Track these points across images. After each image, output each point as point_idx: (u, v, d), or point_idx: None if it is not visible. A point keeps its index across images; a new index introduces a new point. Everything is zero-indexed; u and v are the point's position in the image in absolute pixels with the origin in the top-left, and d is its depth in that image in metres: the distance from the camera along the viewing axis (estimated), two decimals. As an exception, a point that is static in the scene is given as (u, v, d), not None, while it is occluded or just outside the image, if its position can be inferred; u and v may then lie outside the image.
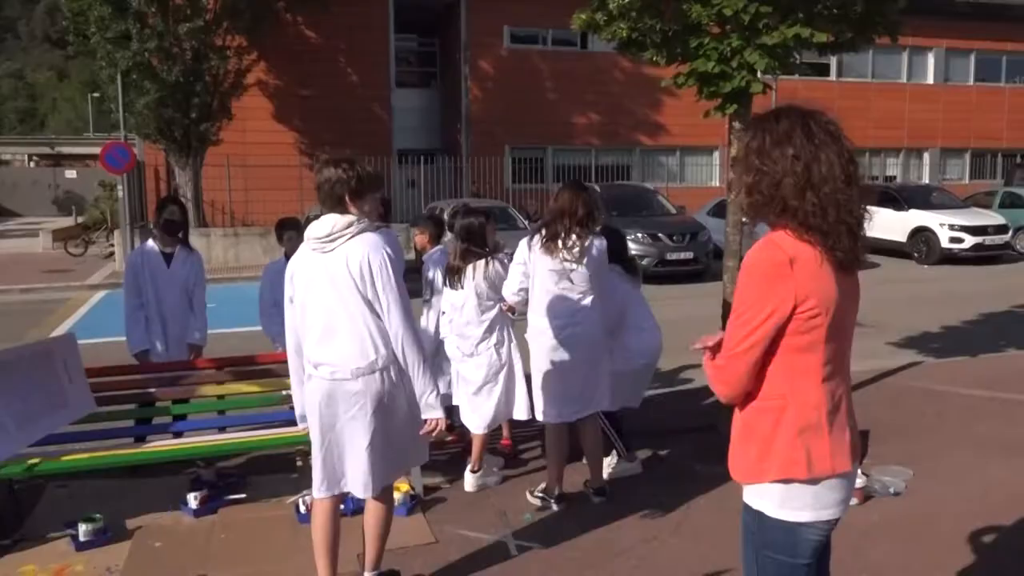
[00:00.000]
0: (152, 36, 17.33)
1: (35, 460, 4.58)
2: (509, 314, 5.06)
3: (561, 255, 4.55)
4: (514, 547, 4.25)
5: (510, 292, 4.81)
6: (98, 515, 4.45)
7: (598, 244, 4.62)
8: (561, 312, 4.63)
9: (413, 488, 4.83)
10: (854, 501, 4.64)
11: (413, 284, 10.02)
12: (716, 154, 26.36)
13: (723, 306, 5.66)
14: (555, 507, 4.70)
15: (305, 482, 4.93)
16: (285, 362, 5.28)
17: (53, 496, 5.07)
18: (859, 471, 4.88)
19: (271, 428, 5.22)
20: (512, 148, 24.28)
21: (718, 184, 25.99)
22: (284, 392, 5.22)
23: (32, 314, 13.05)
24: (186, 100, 18.21)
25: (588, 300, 4.62)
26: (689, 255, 15.22)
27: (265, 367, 5.24)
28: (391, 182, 22.56)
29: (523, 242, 4.75)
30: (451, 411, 6.04)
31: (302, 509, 4.60)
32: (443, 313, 5.38)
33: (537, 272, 4.67)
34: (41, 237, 24.30)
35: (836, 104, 25.48)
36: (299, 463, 5.42)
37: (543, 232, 4.65)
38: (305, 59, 22.29)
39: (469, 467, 5.14)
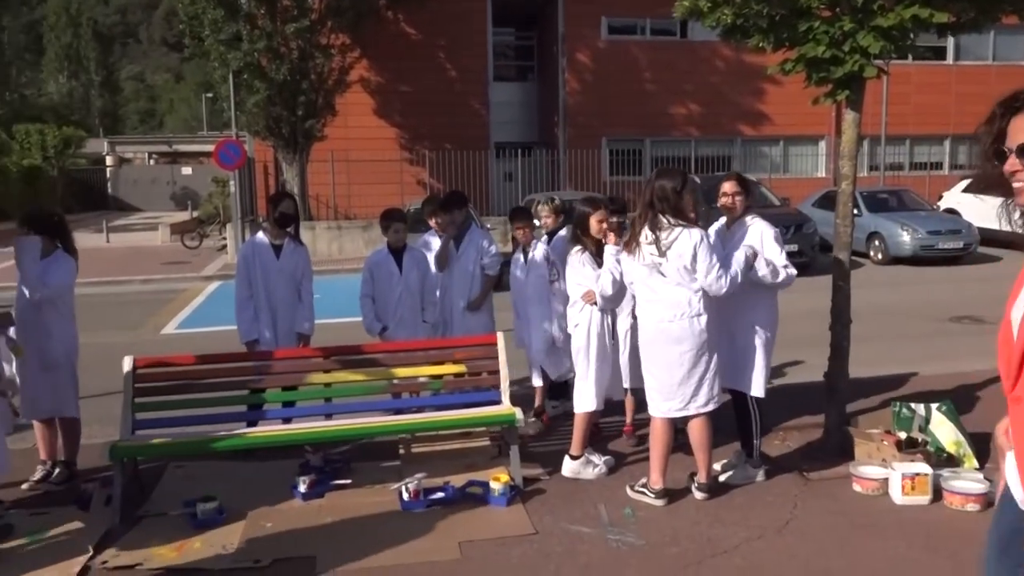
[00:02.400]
0: (261, 37, 18.03)
1: (157, 441, 4.85)
2: (591, 303, 5.06)
3: (643, 250, 4.56)
4: (614, 541, 4.22)
5: (606, 284, 4.88)
6: (214, 495, 4.67)
7: (688, 235, 4.49)
8: (657, 306, 4.58)
9: (513, 479, 4.86)
10: (975, 507, 4.41)
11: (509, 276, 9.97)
12: (822, 143, 25.44)
13: (833, 301, 5.45)
14: (656, 502, 4.64)
15: (408, 469, 5.06)
16: (389, 352, 5.45)
17: (172, 476, 5.35)
18: (981, 476, 4.64)
19: (376, 416, 5.35)
20: (609, 140, 24.09)
21: (824, 175, 25.09)
22: (389, 381, 5.35)
23: (151, 304, 13.80)
24: (293, 98, 18.86)
25: (686, 293, 4.52)
26: (793, 247, 14.71)
27: (370, 356, 5.37)
28: (488, 175, 22.76)
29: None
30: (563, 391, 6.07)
31: (405, 496, 4.69)
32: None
33: (628, 267, 4.72)
34: (160, 231, 25.64)
35: (953, 89, 24.21)
36: (402, 451, 5.54)
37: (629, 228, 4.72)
38: (405, 55, 22.70)
39: (569, 452, 5.16)
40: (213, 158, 18.30)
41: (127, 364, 5.01)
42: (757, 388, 4.87)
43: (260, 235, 5.94)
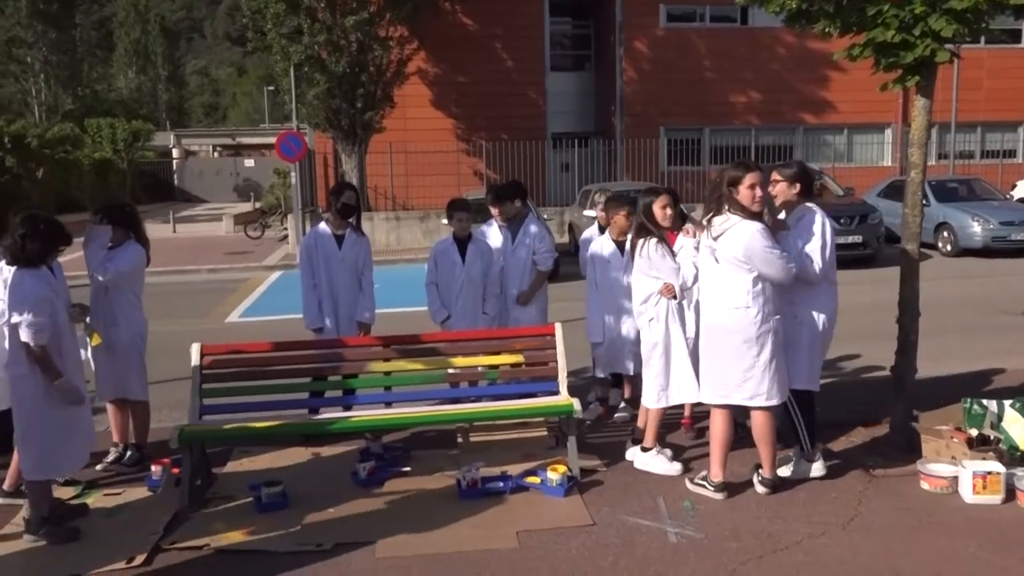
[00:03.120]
0: (321, 30, 18.29)
1: (226, 426, 4.98)
2: (670, 296, 5.00)
3: (703, 236, 4.58)
4: (673, 534, 4.19)
5: (689, 276, 4.90)
6: (278, 480, 4.78)
7: (743, 226, 4.42)
8: (717, 294, 4.55)
9: (570, 470, 4.86)
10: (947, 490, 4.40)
11: (569, 267, 10.07)
12: (888, 131, 24.73)
13: (901, 294, 5.30)
14: (716, 496, 4.59)
15: (466, 458, 5.10)
16: (448, 341, 5.49)
17: (238, 460, 5.48)
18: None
19: (434, 405, 5.40)
20: (667, 129, 23.80)
21: (890, 163, 24.39)
22: (447, 370, 5.39)
23: (217, 292, 14.15)
24: (352, 90, 19.10)
25: (737, 284, 4.45)
26: (857, 239, 14.39)
27: (429, 345, 5.41)
28: (545, 166, 22.72)
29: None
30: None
31: (463, 485, 4.73)
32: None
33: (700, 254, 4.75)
34: (224, 221, 26.26)
35: (1029, 74, 22.67)
36: (460, 440, 5.59)
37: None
38: (462, 46, 22.77)
39: (641, 444, 5.15)
40: (275, 150, 18.67)
41: (195, 351, 5.15)
42: (795, 379, 4.76)
43: (323, 225, 6.04)
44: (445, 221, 6.46)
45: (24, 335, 4.18)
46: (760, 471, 4.68)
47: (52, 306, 4.27)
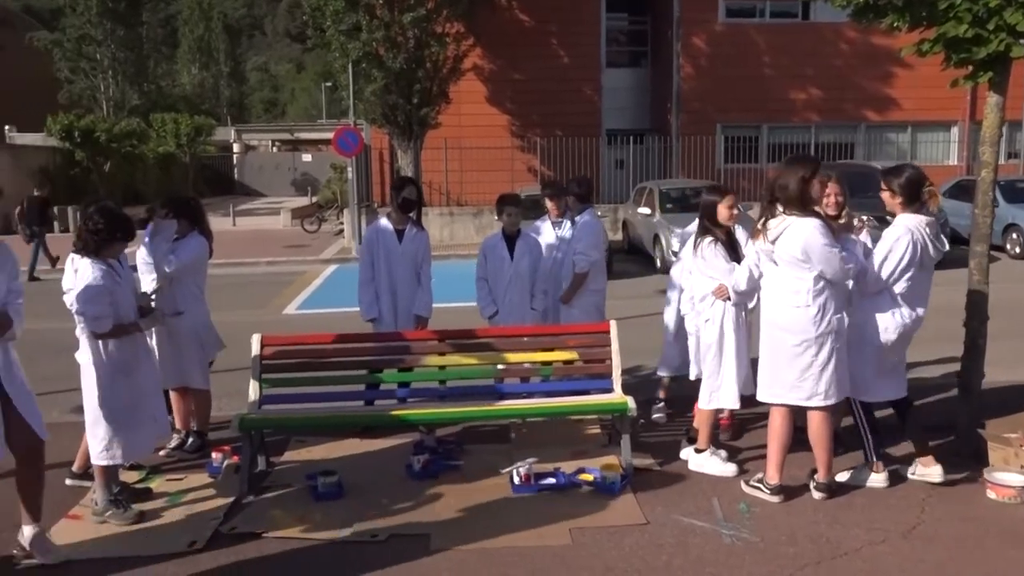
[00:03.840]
0: (379, 26, 18.48)
1: (284, 416, 5.08)
2: (723, 298, 4.93)
3: (763, 237, 4.46)
4: (728, 536, 4.14)
5: (741, 280, 4.75)
6: (334, 470, 4.85)
7: (799, 225, 4.32)
8: (777, 294, 4.48)
9: (624, 468, 4.84)
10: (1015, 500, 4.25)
11: (621, 264, 9.99)
12: (955, 130, 24.00)
13: (968, 297, 5.14)
14: (772, 499, 4.52)
15: (519, 454, 5.11)
16: (502, 336, 5.51)
17: (295, 450, 5.58)
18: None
19: (488, 400, 5.41)
20: (724, 127, 23.46)
21: (956, 162, 23.67)
22: (501, 365, 5.40)
23: (274, 284, 14.43)
24: (409, 86, 19.26)
25: (795, 283, 4.37)
26: (921, 239, 13.98)
27: (484, 340, 5.43)
28: (599, 163, 22.61)
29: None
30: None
31: (516, 480, 4.74)
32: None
33: (754, 254, 4.67)
34: (281, 215, 26.75)
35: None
36: (513, 435, 5.60)
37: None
38: (518, 42, 22.77)
39: (695, 444, 5.10)
40: (332, 145, 18.94)
41: (255, 342, 5.25)
42: (861, 391, 4.66)
43: (383, 220, 6.12)
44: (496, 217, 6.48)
45: (85, 324, 4.32)
46: (815, 475, 4.59)
47: (112, 296, 4.38)
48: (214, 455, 5.20)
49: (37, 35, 38.60)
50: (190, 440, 5.59)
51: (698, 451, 5.06)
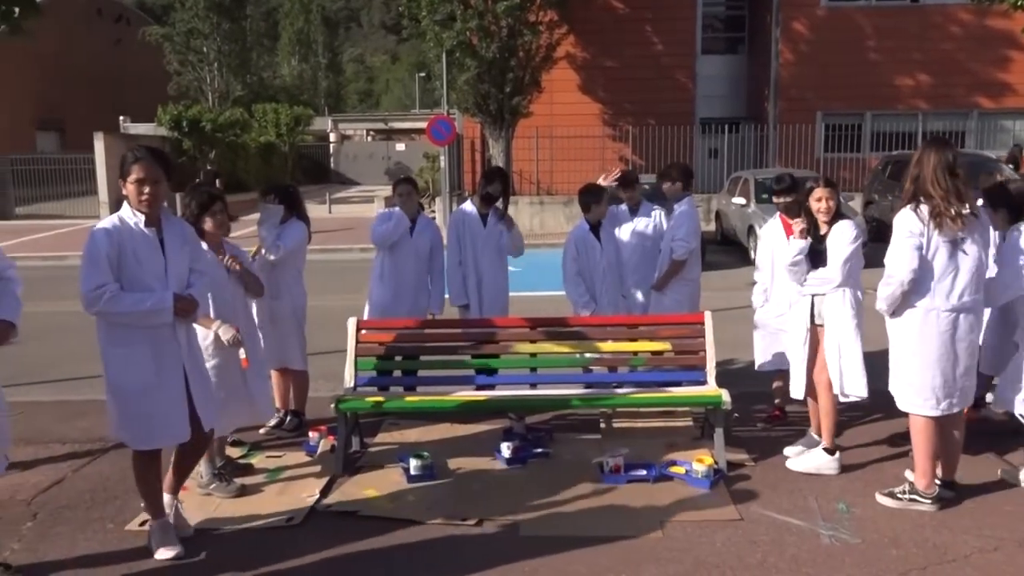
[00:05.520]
0: (473, 16, 18.60)
1: (379, 399, 5.18)
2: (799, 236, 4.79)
3: (948, 224, 4.07)
4: (826, 536, 4.00)
5: (905, 272, 4.16)
6: (426, 453, 4.93)
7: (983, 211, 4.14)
8: (951, 290, 4.14)
9: (717, 462, 4.74)
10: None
11: (713, 256, 9.78)
12: (1079, 116, 22.48)
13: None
14: (931, 508, 4.22)
15: (609, 444, 5.07)
16: (594, 325, 5.47)
17: (388, 432, 5.69)
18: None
19: (578, 388, 5.40)
20: (825, 114, 22.62)
21: (1079, 151, 22.16)
22: (593, 354, 5.37)
23: (368, 270, 14.70)
24: (501, 75, 19.33)
25: (977, 276, 4.17)
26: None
27: (575, 329, 5.41)
28: (693, 152, 22.18)
29: (907, 211, 4.18)
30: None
31: (606, 470, 4.70)
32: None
33: (930, 244, 4.16)
34: (375, 203, 27.27)
35: None
36: (603, 425, 5.56)
37: (924, 201, 4.15)
38: (611, 30, 22.51)
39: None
40: (425, 134, 19.19)
41: (351, 326, 5.37)
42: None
43: (468, 204, 6.17)
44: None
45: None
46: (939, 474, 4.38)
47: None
48: (311, 434, 5.36)
49: (150, 30, 40.45)
50: (288, 419, 5.78)
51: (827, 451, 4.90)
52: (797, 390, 4.93)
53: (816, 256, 4.75)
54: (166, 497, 4.11)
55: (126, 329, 3.77)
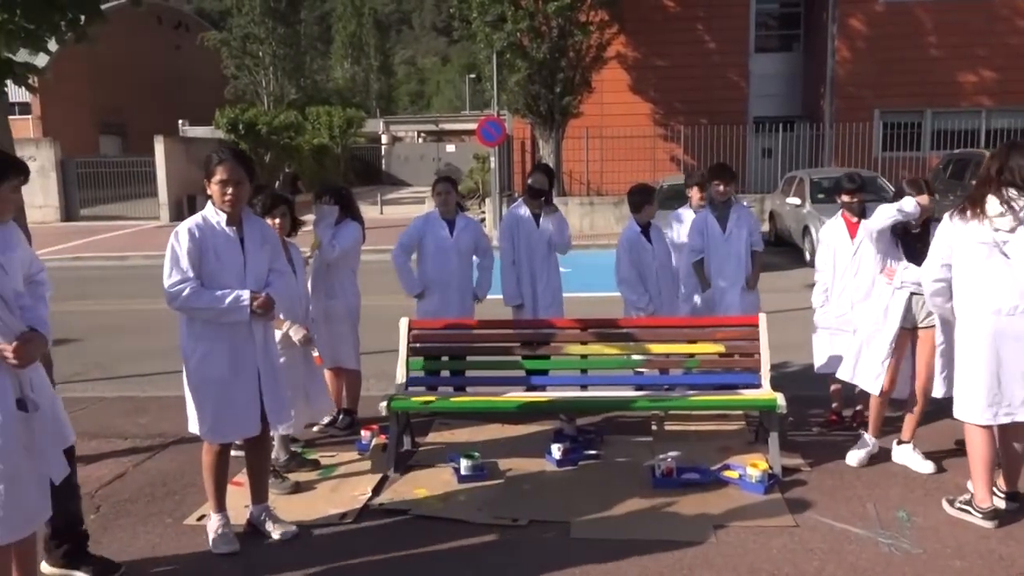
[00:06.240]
0: (524, 16, 18.63)
1: (430, 398, 5.22)
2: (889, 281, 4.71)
3: (988, 223, 3.97)
4: (885, 545, 3.90)
5: (930, 278, 4.22)
6: (476, 453, 4.94)
7: None
8: (998, 293, 3.98)
9: (771, 467, 4.66)
10: None
11: (768, 257, 9.55)
12: None
13: None
14: (986, 524, 4.05)
15: (660, 447, 5.02)
16: (645, 327, 5.42)
17: (438, 431, 5.72)
18: None
19: (629, 390, 5.35)
20: (883, 112, 22.09)
21: None
22: (644, 356, 5.32)
23: (419, 271, 14.80)
24: (551, 75, 19.32)
25: None
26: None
27: (626, 330, 5.36)
28: (746, 151, 21.87)
29: (946, 216, 4.20)
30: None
31: (658, 473, 4.65)
32: None
33: (962, 246, 4.08)
34: (426, 204, 27.48)
35: None
36: (654, 427, 5.51)
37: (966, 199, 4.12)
38: (663, 29, 22.32)
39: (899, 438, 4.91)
40: (476, 135, 19.26)
41: (403, 326, 5.41)
42: None
43: (521, 207, 6.18)
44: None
45: None
46: (1000, 484, 4.24)
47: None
48: (363, 433, 5.41)
49: (207, 35, 41.39)
50: (340, 418, 5.85)
51: (899, 443, 4.89)
52: (874, 386, 4.80)
53: (909, 251, 4.68)
54: (255, 508, 4.21)
55: (206, 326, 3.88)
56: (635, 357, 5.36)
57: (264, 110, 33.20)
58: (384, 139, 48.19)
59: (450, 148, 44.64)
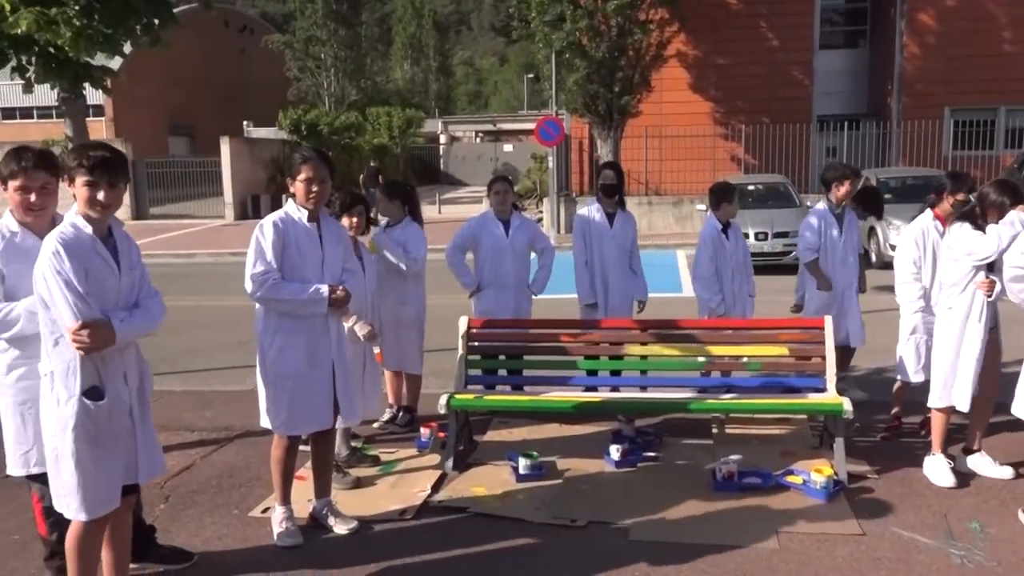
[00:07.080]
0: (583, 16, 18.57)
1: (489, 397, 5.24)
2: (987, 293, 4.50)
3: None
4: (957, 556, 3.77)
5: (1011, 263, 4.19)
6: (535, 452, 4.94)
7: None
8: None
9: (837, 473, 4.55)
10: None
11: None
12: None
13: None
14: None
15: (721, 450, 4.94)
16: (707, 328, 5.35)
17: (496, 430, 5.74)
18: None
19: (690, 392, 5.28)
20: (953, 110, 21.41)
21: None
22: (705, 358, 5.25)
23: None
24: (610, 75, 19.21)
25: None
26: None
27: (687, 331, 5.30)
28: (809, 151, 21.42)
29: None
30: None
31: (719, 476, 4.59)
32: None
33: None
34: (483, 204, 27.54)
35: None
36: (715, 430, 5.43)
37: None
38: (724, 27, 22.01)
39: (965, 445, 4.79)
40: (534, 135, 19.26)
41: (462, 325, 5.44)
42: None
43: (594, 209, 6.18)
44: (701, 207, 6.36)
45: None
46: None
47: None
48: (422, 430, 5.46)
49: (271, 38, 42.31)
50: (400, 415, 5.90)
51: (967, 451, 4.77)
52: (963, 401, 4.59)
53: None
54: (318, 502, 4.28)
55: (283, 319, 3.98)
56: (697, 359, 5.29)
57: (325, 111, 33.78)
58: (442, 139, 48.54)
59: (508, 148, 44.71)
